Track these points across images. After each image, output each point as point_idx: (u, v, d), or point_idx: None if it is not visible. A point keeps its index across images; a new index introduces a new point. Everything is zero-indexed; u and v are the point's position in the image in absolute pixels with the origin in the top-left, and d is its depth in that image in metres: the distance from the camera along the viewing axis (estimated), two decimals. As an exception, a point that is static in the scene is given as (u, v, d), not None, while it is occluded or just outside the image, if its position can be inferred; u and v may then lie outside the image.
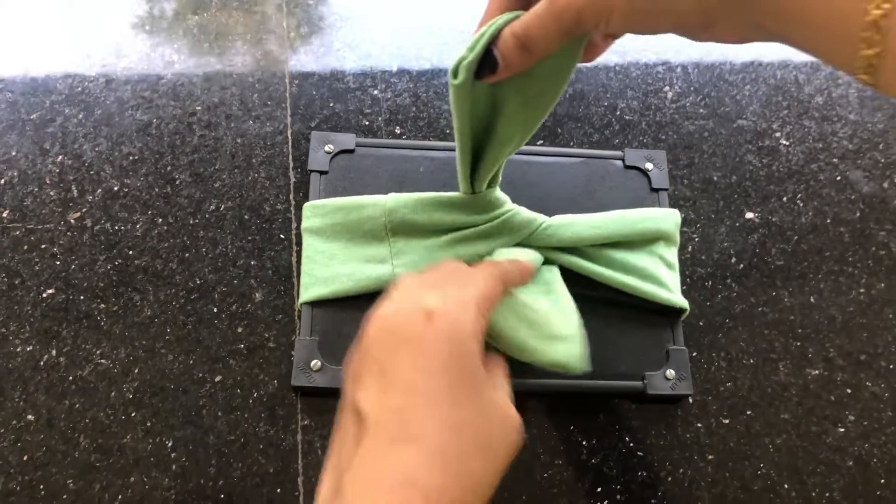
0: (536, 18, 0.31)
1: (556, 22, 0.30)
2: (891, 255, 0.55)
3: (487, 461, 0.29)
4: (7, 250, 0.46)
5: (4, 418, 0.42)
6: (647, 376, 0.47)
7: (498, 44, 0.32)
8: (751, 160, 0.56)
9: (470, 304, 0.31)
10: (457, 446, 0.27)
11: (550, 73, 0.35)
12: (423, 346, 0.29)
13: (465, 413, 0.28)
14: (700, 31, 0.30)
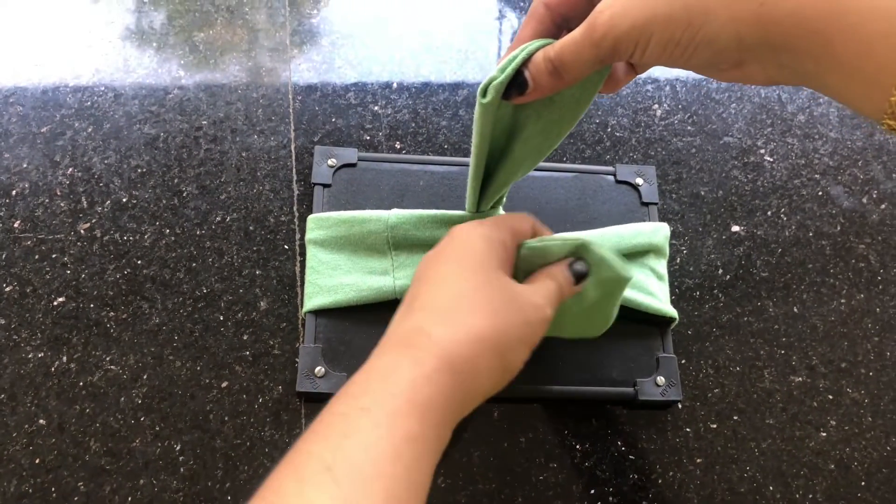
0: (573, 44, 0.31)
1: (593, 49, 0.31)
2: (870, 267, 0.57)
3: (496, 322, 0.33)
4: (19, 259, 0.48)
5: (17, 423, 0.43)
6: (638, 383, 0.48)
7: (529, 66, 0.33)
8: (736, 175, 0.59)
9: (484, 228, 0.37)
10: (460, 307, 0.32)
11: (572, 100, 0.36)
12: (441, 256, 0.36)
13: (469, 285, 0.34)
14: (730, 68, 0.31)
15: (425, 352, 0.31)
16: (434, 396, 0.29)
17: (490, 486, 0.45)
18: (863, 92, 0.27)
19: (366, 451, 0.26)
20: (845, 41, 0.26)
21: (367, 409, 0.28)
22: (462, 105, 0.58)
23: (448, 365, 0.30)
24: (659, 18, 0.29)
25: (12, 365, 0.45)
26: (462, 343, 0.31)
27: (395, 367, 0.30)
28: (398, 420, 0.28)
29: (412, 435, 0.27)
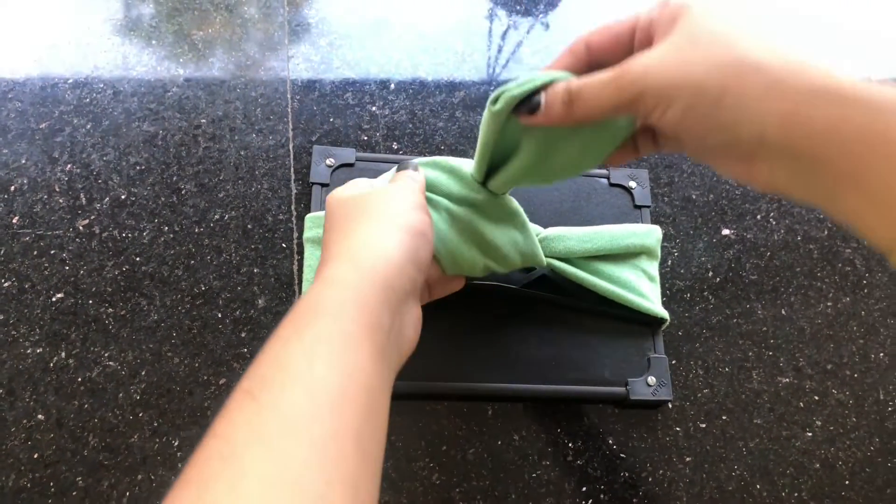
0: (598, 82, 0.31)
1: (616, 92, 0.31)
2: (856, 272, 0.58)
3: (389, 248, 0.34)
4: (17, 255, 0.48)
5: (15, 418, 0.44)
6: (629, 382, 0.49)
7: (548, 90, 0.33)
8: (727, 180, 0.60)
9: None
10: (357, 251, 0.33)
11: (577, 151, 0.36)
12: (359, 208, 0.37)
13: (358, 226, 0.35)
14: (739, 161, 0.30)
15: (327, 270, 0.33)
16: (339, 293, 0.30)
17: (484, 483, 0.46)
18: (884, 222, 0.27)
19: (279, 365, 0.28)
20: (880, 169, 0.26)
21: (279, 334, 0.29)
22: (459, 107, 0.59)
23: (349, 261, 0.32)
24: (691, 84, 0.29)
25: (11, 360, 0.45)
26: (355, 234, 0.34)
27: (303, 297, 0.31)
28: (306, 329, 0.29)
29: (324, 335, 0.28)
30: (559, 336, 0.50)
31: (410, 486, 0.45)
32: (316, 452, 0.25)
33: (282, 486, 0.23)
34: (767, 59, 0.28)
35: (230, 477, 0.23)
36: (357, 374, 0.28)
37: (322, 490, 0.24)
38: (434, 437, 0.47)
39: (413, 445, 0.46)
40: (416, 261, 0.34)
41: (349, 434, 0.26)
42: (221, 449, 0.24)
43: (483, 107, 0.59)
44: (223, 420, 0.26)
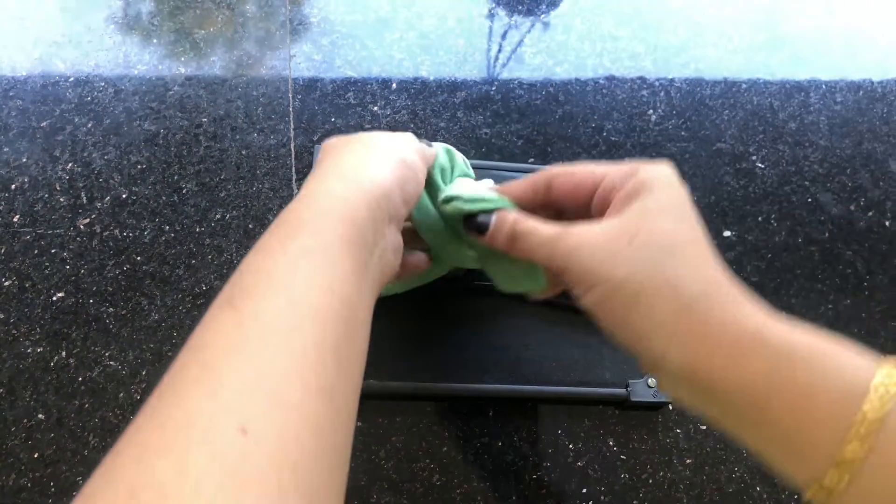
0: (537, 237, 0.33)
1: (547, 255, 0.33)
2: (857, 274, 0.58)
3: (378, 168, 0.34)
4: (18, 254, 0.48)
5: (16, 417, 0.44)
6: (630, 384, 0.49)
7: (498, 215, 0.35)
8: (728, 181, 0.60)
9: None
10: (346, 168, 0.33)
11: (514, 269, 0.38)
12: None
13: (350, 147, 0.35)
14: (646, 364, 0.31)
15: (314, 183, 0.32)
16: (326, 205, 0.30)
17: (484, 485, 0.46)
18: (792, 463, 0.27)
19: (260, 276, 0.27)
20: (783, 414, 0.26)
21: (261, 245, 0.29)
22: (460, 107, 0.59)
23: (337, 177, 0.32)
24: (610, 281, 0.30)
25: (11, 359, 0.45)
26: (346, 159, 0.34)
27: (287, 208, 0.31)
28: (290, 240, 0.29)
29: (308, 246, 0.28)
30: (560, 337, 0.50)
31: (411, 486, 0.45)
32: (295, 363, 0.25)
33: (260, 395, 0.23)
34: (687, 283, 0.29)
35: (208, 385, 0.23)
36: (339, 287, 0.28)
37: (299, 398, 0.24)
38: (435, 438, 0.47)
39: (414, 446, 0.46)
40: (404, 190, 0.34)
41: (328, 346, 0.26)
42: (200, 356, 0.24)
43: (485, 107, 0.59)
44: (203, 329, 0.26)
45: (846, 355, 0.27)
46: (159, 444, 0.22)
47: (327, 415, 0.25)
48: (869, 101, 0.67)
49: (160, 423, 0.22)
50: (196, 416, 0.22)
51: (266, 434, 0.22)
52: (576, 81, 0.62)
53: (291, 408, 0.24)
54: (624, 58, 0.65)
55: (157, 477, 0.20)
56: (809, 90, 0.67)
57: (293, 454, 0.23)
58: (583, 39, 0.65)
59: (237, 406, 0.23)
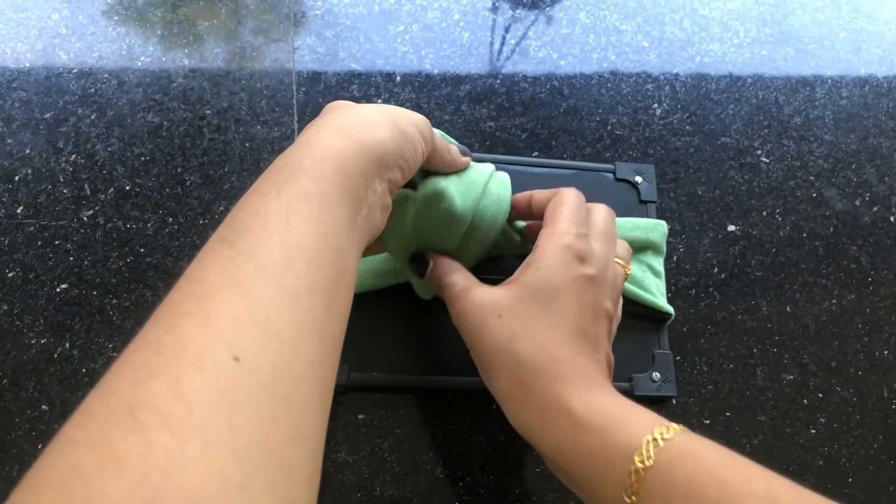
0: (452, 288, 0.40)
1: (451, 308, 0.40)
2: (861, 269, 0.58)
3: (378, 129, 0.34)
4: (21, 245, 0.48)
5: (19, 408, 0.44)
6: (634, 378, 0.49)
7: (434, 262, 0.42)
8: (733, 176, 0.60)
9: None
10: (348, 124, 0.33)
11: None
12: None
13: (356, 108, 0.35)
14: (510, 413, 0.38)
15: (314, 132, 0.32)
16: (323, 155, 0.30)
17: (487, 478, 0.46)
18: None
19: (256, 216, 0.27)
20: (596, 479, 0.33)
21: (257, 187, 0.29)
22: (464, 100, 0.58)
23: (338, 130, 0.32)
24: (477, 347, 0.38)
25: (15, 350, 0.45)
26: (347, 115, 0.34)
27: (285, 154, 0.31)
28: (286, 185, 0.28)
29: (304, 192, 0.28)
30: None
31: (414, 479, 0.45)
32: (287, 299, 0.25)
33: (253, 326, 0.24)
34: (527, 361, 0.36)
35: (202, 314, 0.23)
36: (331, 234, 0.28)
37: (291, 334, 0.25)
38: (438, 431, 0.47)
39: (417, 439, 0.46)
40: (401, 156, 0.34)
41: (320, 289, 0.27)
42: (194, 290, 0.25)
43: (489, 100, 0.59)
44: (198, 264, 0.26)
45: (633, 420, 0.33)
46: (154, 366, 0.22)
47: (318, 353, 0.26)
48: (875, 97, 0.67)
49: (155, 349, 0.22)
50: (189, 342, 0.22)
51: (259, 364, 0.23)
52: (580, 75, 0.62)
53: (284, 342, 0.24)
54: (629, 52, 0.64)
55: (153, 396, 0.21)
56: (815, 85, 0.66)
57: (285, 386, 0.23)
58: (587, 33, 0.65)
59: (230, 335, 0.23)
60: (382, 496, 0.44)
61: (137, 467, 0.19)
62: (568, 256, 0.38)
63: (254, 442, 0.21)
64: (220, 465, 0.20)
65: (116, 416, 0.20)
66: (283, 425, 0.23)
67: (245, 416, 0.22)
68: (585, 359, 0.37)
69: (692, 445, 0.32)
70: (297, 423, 0.23)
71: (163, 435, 0.20)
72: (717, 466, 0.31)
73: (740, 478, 0.30)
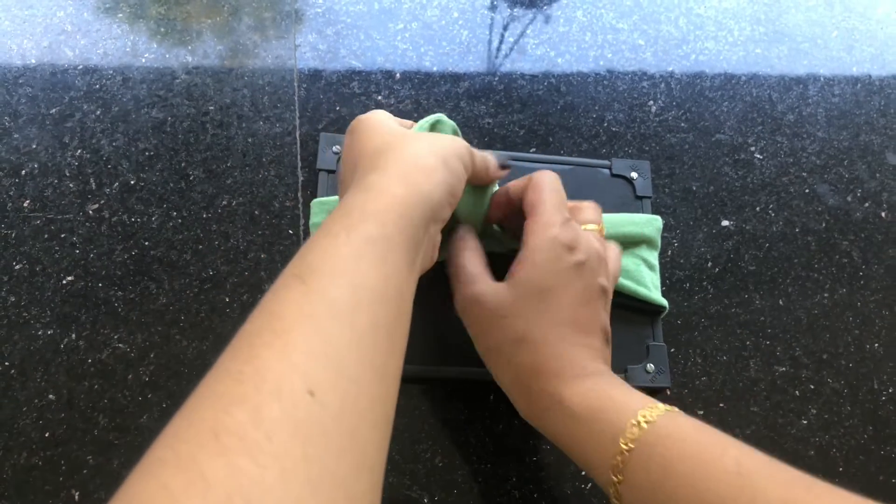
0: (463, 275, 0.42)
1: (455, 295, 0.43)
2: (853, 263, 0.59)
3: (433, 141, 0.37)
4: (28, 238, 0.49)
5: (27, 397, 0.44)
6: (628, 369, 0.50)
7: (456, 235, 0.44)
8: (727, 172, 0.61)
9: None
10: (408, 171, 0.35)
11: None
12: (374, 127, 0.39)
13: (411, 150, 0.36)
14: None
15: (378, 179, 0.34)
16: (389, 202, 0.32)
17: (485, 466, 0.47)
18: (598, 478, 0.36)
19: (327, 257, 0.29)
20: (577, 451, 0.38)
21: (327, 229, 0.31)
22: (463, 97, 0.59)
23: (399, 177, 0.34)
24: (479, 345, 0.42)
25: (22, 341, 0.46)
26: (404, 159, 0.35)
27: (351, 199, 0.33)
28: (355, 229, 0.30)
29: (371, 237, 0.30)
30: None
31: (414, 468, 0.46)
32: (356, 338, 0.27)
33: (325, 362, 0.25)
34: (525, 362, 0.39)
35: (280, 347, 0.25)
36: (394, 277, 0.31)
37: (357, 373, 0.26)
38: (437, 420, 0.48)
39: (417, 428, 0.47)
40: (452, 196, 0.36)
41: (383, 329, 0.29)
42: (273, 323, 0.26)
43: (487, 97, 0.60)
44: (273, 297, 0.28)
45: (620, 403, 0.36)
46: (235, 394, 0.23)
47: (380, 390, 0.28)
48: (867, 94, 0.68)
49: (236, 378, 0.24)
50: (268, 373, 0.24)
51: (330, 400, 0.24)
52: (577, 72, 0.63)
53: (352, 379, 0.26)
54: (625, 50, 0.65)
55: (236, 423, 0.22)
56: (808, 83, 0.67)
57: (351, 421, 0.25)
58: (584, 31, 0.66)
59: (305, 369, 0.25)
60: (383, 484, 0.45)
61: (222, 489, 0.21)
62: (556, 248, 0.40)
63: (325, 472, 0.23)
64: (296, 493, 0.22)
65: (202, 440, 0.22)
66: (350, 457, 0.24)
67: (318, 447, 0.23)
68: (580, 348, 0.39)
69: (672, 426, 0.34)
70: (362, 455, 0.25)
71: (245, 460, 0.21)
72: (692, 444, 0.33)
73: (713, 454, 0.32)
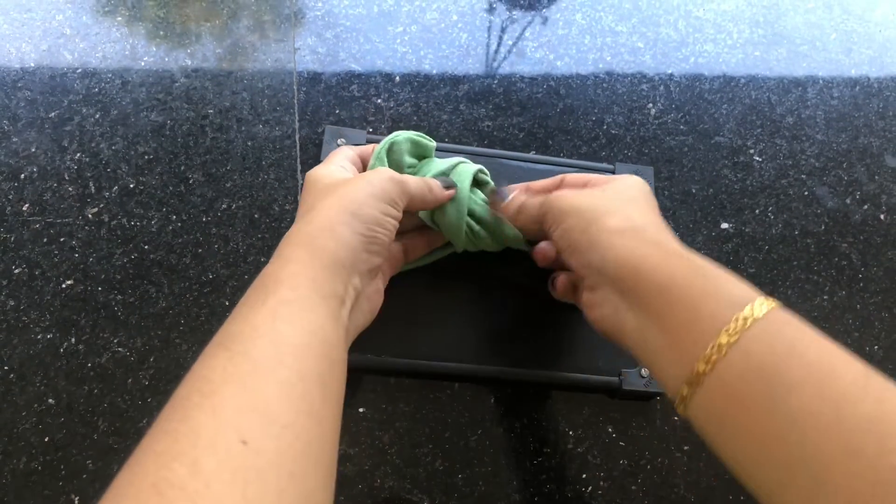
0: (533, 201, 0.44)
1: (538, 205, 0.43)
2: (852, 266, 0.59)
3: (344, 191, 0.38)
4: (27, 242, 0.48)
5: (26, 402, 0.44)
6: (623, 373, 0.50)
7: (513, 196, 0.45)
8: (727, 175, 0.61)
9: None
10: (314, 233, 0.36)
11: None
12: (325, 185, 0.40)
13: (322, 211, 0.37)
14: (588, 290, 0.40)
15: (285, 247, 0.36)
16: (295, 268, 0.34)
17: (486, 470, 0.47)
18: (674, 361, 0.33)
19: (247, 324, 0.31)
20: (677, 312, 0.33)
21: (246, 300, 0.33)
22: (462, 100, 0.59)
23: (306, 242, 0.35)
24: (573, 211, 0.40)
25: (22, 345, 0.46)
26: (314, 221, 0.37)
27: (267, 268, 0.35)
28: (271, 295, 0.32)
29: (286, 299, 0.32)
30: (555, 324, 0.51)
31: (414, 471, 0.46)
32: (284, 390, 0.29)
33: (255, 414, 0.27)
34: (638, 216, 0.39)
35: (210, 407, 0.27)
36: (317, 330, 0.32)
37: (291, 419, 0.28)
38: (437, 423, 0.48)
39: (417, 432, 0.47)
40: (370, 248, 0.38)
41: (313, 378, 0.30)
42: (201, 387, 0.28)
43: (487, 100, 0.60)
44: (200, 366, 0.30)
45: (743, 283, 0.34)
46: (172, 450, 0.25)
47: (317, 435, 0.29)
48: (865, 97, 0.68)
49: (172, 437, 0.26)
50: (202, 430, 0.26)
51: (264, 446, 0.26)
52: (576, 75, 0.63)
53: (285, 426, 0.28)
54: (624, 52, 0.65)
55: (176, 476, 0.24)
56: (807, 85, 0.67)
57: (289, 464, 0.27)
58: (583, 34, 0.66)
59: (236, 423, 0.26)
60: (383, 488, 0.45)
61: None
62: (628, 179, 0.43)
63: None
64: None
65: (144, 496, 0.24)
66: (291, 497, 0.26)
67: (256, 490, 0.25)
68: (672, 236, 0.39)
69: (780, 323, 0.32)
70: (302, 494, 0.27)
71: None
72: (821, 338, 0.31)
73: (843, 351, 0.30)
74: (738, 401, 0.30)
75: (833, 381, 0.28)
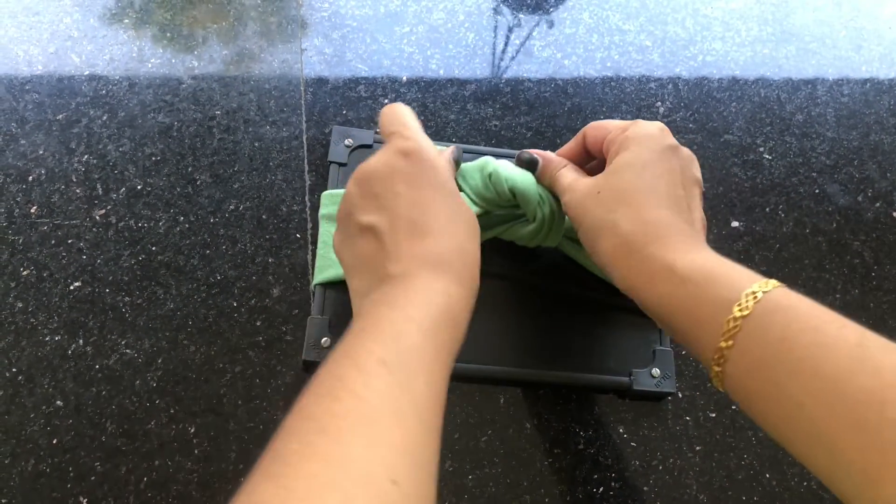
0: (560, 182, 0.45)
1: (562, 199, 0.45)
2: (864, 264, 0.59)
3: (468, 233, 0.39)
4: (35, 244, 0.48)
5: (34, 404, 0.44)
6: (633, 373, 0.49)
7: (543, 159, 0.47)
8: (736, 173, 0.60)
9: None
10: (457, 232, 0.38)
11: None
12: (409, 174, 0.38)
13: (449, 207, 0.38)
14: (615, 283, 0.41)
15: (442, 272, 0.36)
16: (458, 307, 0.36)
17: (496, 471, 0.47)
18: (700, 359, 0.36)
19: (412, 351, 0.32)
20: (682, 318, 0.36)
21: (413, 319, 0.33)
22: (470, 100, 0.59)
23: (457, 278, 0.36)
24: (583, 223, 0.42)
25: (30, 348, 0.46)
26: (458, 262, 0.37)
27: (429, 285, 0.35)
28: (438, 330, 0.33)
29: (443, 343, 0.34)
30: (566, 324, 0.50)
31: (423, 472, 0.46)
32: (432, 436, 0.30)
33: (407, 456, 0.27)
34: (626, 226, 0.38)
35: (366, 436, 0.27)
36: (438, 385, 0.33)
37: (433, 469, 0.29)
38: (447, 424, 0.47)
39: (426, 433, 0.47)
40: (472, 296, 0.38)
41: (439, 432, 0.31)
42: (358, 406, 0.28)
43: (494, 100, 0.59)
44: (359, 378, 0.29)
45: (733, 275, 0.35)
46: (326, 480, 0.25)
47: (434, 484, 0.29)
48: (876, 94, 0.67)
49: (324, 460, 0.26)
50: (355, 462, 0.26)
51: (410, 489, 0.26)
52: (584, 75, 0.63)
53: (430, 474, 0.28)
54: (632, 51, 0.65)
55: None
56: (816, 83, 0.67)
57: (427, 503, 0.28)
58: (591, 33, 0.65)
59: (390, 461, 0.27)
60: (392, 489, 0.45)
61: None
62: (651, 132, 0.41)
63: None
64: None
65: None
66: None
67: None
68: (681, 221, 0.39)
69: (789, 298, 0.33)
70: None
71: None
72: (811, 316, 0.32)
73: (834, 325, 0.32)
74: (751, 394, 0.33)
75: (828, 360, 0.30)
